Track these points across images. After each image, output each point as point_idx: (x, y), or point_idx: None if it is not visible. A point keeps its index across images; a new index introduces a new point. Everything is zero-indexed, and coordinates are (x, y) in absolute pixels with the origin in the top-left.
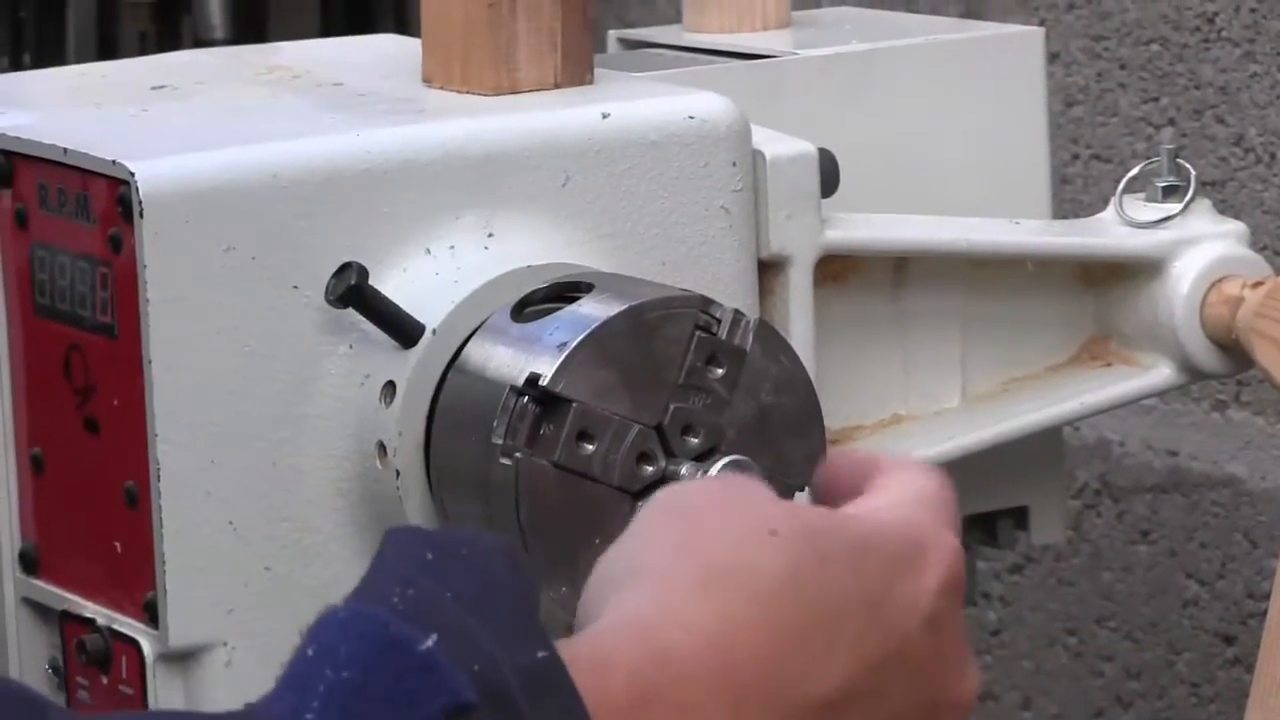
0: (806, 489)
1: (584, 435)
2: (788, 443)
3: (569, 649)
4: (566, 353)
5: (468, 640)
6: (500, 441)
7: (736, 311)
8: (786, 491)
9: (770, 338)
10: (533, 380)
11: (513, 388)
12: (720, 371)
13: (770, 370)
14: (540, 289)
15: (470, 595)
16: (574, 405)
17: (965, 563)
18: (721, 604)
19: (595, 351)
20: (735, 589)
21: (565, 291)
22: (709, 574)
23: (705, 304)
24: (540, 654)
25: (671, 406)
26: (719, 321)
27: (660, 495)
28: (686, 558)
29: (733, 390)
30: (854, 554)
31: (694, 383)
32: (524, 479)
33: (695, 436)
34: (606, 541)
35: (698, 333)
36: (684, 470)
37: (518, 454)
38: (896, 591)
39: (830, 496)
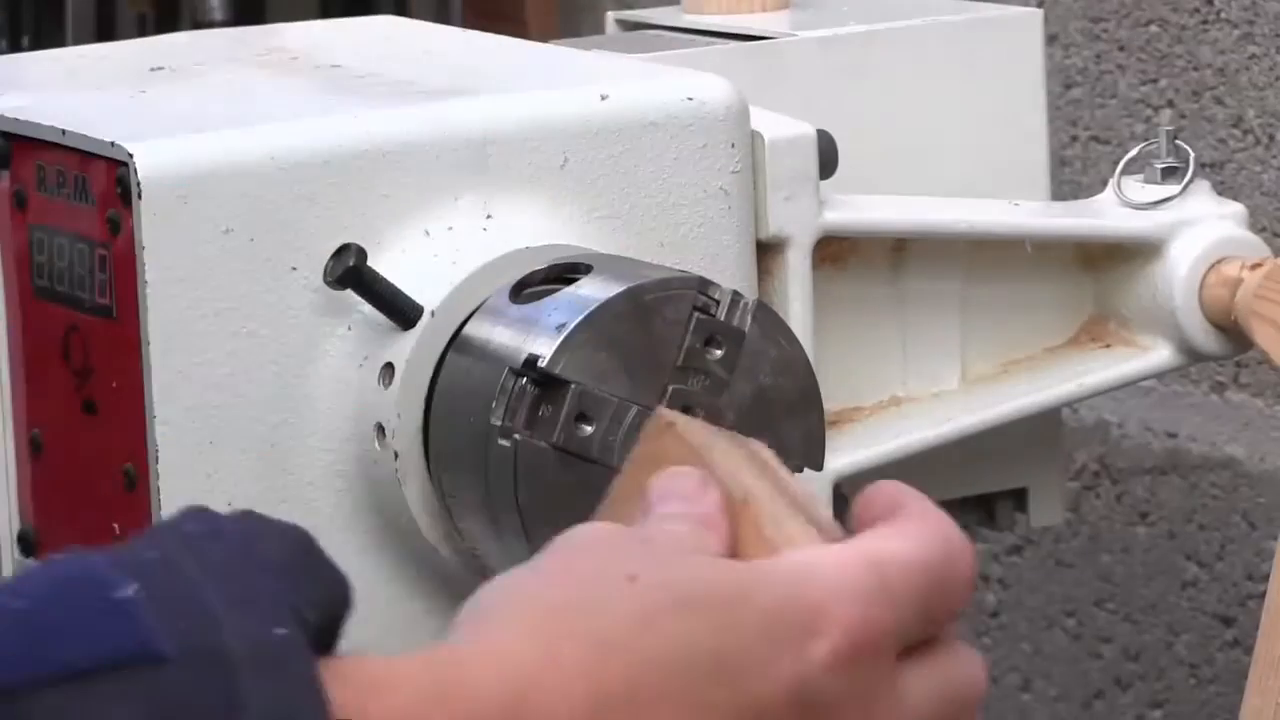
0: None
1: (583, 417)
2: (786, 424)
3: (354, 662)
4: (565, 334)
5: (187, 601)
6: (499, 423)
7: (735, 293)
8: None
9: (769, 319)
10: (531, 361)
11: (511, 369)
12: (719, 353)
13: (769, 352)
14: (539, 270)
15: (219, 566)
16: (573, 386)
17: (875, 644)
18: (548, 642)
19: (594, 333)
20: (569, 629)
21: (564, 273)
22: (547, 610)
23: (704, 285)
24: (278, 631)
25: (670, 388)
26: (717, 303)
27: (564, 533)
28: (532, 592)
29: (731, 372)
30: (726, 604)
31: (692, 364)
32: (522, 460)
33: (693, 418)
34: None
35: (696, 314)
36: None
37: (516, 435)
38: (759, 654)
39: (858, 527)
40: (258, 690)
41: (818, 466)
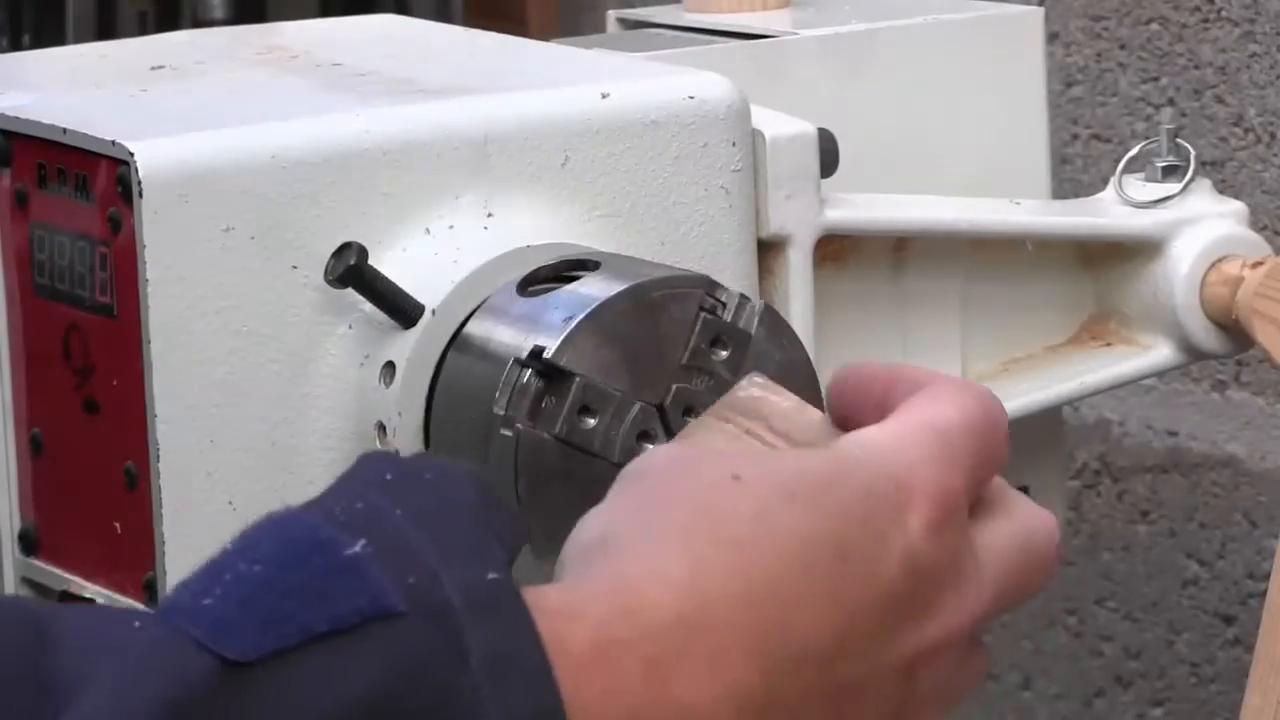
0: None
1: (586, 410)
2: None
3: (536, 594)
4: (571, 327)
5: (407, 553)
6: (501, 413)
7: (742, 295)
8: None
9: (774, 323)
10: (536, 353)
11: (516, 359)
12: (724, 354)
13: (773, 355)
14: (546, 266)
15: (424, 514)
16: (577, 379)
17: (957, 507)
18: (693, 554)
19: (600, 328)
20: (704, 538)
21: (571, 269)
22: (677, 527)
23: (711, 286)
24: (491, 575)
25: (674, 387)
26: (724, 304)
27: (624, 468)
28: (653, 516)
29: (735, 373)
30: (823, 490)
31: (697, 364)
32: (524, 451)
33: (696, 417)
34: None
35: (703, 314)
36: None
37: (518, 425)
38: (870, 533)
39: (850, 413)
40: (479, 636)
41: None
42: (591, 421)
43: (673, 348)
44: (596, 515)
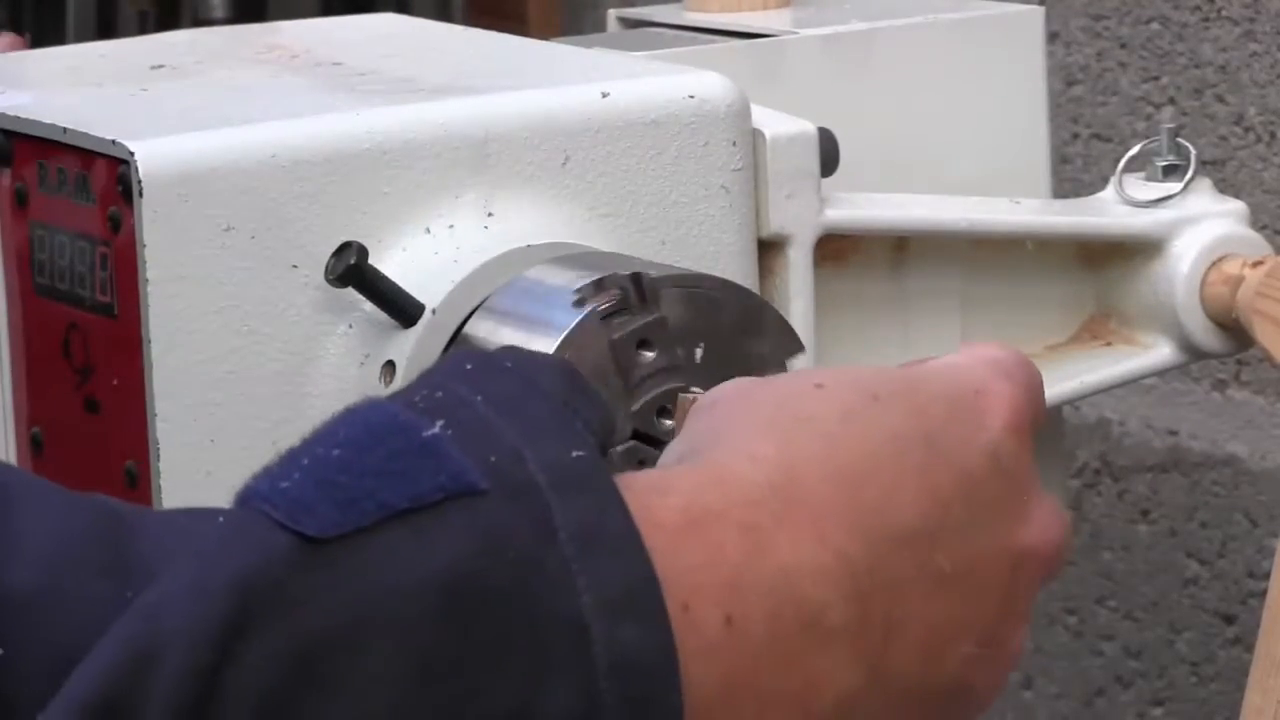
0: None
1: (645, 343)
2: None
3: (622, 477)
4: (679, 273)
5: (488, 435)
6: (576, 296)
7: (633, 275)
8: None
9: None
10: (639, 275)
11: (616, 273)
12: (650, 354)
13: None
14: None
15: (505, 398)
16: (659, 313)
17: (1027, 423)
18: (783, 440)
19: (701, 295)
20: (795, 429)
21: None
22: (765, 421)
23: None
24: (576, 453)
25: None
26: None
27: (696, 403)
28: (737, 421)
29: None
30: (905, 393)
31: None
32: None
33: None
34: None
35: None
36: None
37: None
38: (954, 429)
39: None
40: (565, 510)
41: None
42: (649, 355)
43: (743, 370)
44: (672, 445)
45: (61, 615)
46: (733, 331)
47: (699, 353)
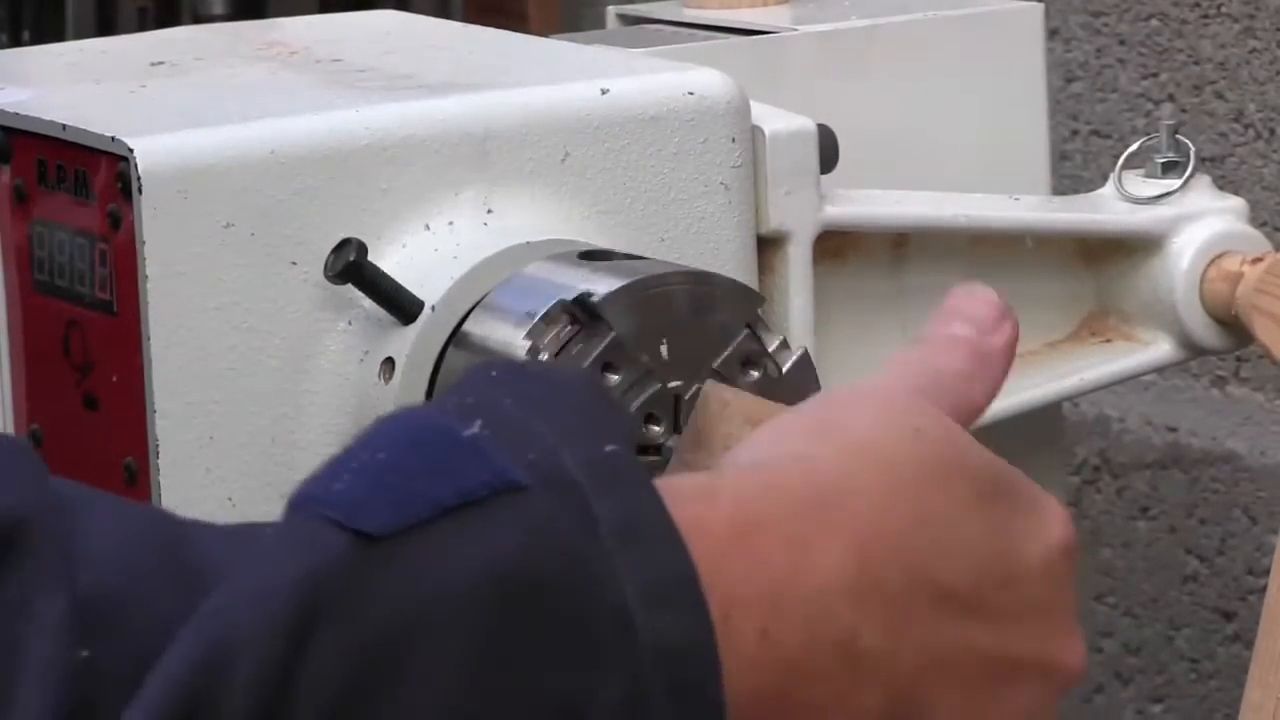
0: None
1: (609, 366)
2: None
3: (669, 480)
4: (626, 282)
5: (523, 434)
6: (527, 342)
7: (577, 300)
8: None
9: (806, 369)
10: (583, 296)
11: (561, 300)
12: (754, 375)
13: (785, 393)
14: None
15: (534, 400)
16: (612, 333)
17: (1072, 547)
18: (848, 462)
19: (650, 298)
20: (867, 456)
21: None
22: (845, 443)
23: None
24: (609, 448)
25: (695, 386)
26: (769, 331)
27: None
28: (823, 435)
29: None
30: (991, 478)
31: (725, 372)
32: None
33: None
34: None
35: (747, 329)
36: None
37: (542, 356)
38: (1018, 529)
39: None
40: (605, 505)
41: None
42: (614, 378)
43: (712, 347)
44: (748, 446)
45: (139, 619)
46: (689, 316)
47: (664, 350)
